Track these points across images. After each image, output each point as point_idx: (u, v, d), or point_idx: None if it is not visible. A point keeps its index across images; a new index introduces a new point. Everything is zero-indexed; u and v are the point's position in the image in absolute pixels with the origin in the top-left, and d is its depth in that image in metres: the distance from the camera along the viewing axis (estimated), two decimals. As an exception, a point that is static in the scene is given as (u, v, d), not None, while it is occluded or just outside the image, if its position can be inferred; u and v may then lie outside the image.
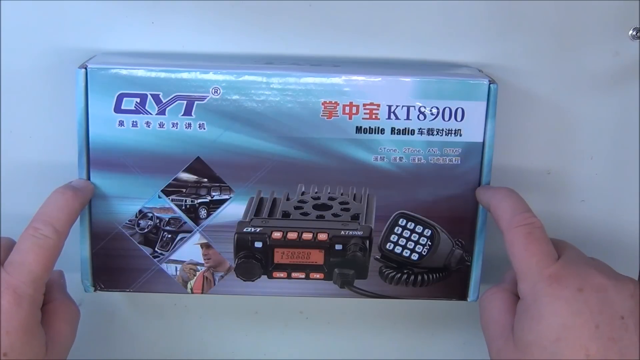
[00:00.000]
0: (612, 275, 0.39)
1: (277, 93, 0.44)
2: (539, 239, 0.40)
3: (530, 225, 0.41)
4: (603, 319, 0.37)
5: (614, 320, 0.37)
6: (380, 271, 0.46)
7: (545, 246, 0.40)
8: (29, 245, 0.40)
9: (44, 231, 0.40)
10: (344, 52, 0.47)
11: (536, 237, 0.40)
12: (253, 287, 0.46)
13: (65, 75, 0.46)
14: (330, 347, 0.55)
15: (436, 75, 0.44)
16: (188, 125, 0.44)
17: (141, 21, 0.46)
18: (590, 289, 0.38)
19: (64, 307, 0.43)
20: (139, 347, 0.54)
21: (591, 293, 0.38)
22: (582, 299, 0.38)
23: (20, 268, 0.39)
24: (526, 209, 0.42)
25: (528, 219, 0.41)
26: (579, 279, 0.38)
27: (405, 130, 0.44)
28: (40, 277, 0.39)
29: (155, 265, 0.46)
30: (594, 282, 0.38)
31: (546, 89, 0.48)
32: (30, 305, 0.39)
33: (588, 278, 0.38)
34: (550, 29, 0.47)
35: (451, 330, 0.54)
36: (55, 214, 0.41)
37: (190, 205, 0.45)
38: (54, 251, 0.40)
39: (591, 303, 0.37)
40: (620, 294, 0.38)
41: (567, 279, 0.38)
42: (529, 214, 0.41)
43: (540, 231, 0.41)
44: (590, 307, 0.37)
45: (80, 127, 0.43)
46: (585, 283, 0.38)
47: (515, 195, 0.43)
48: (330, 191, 0.45)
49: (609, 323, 0.37)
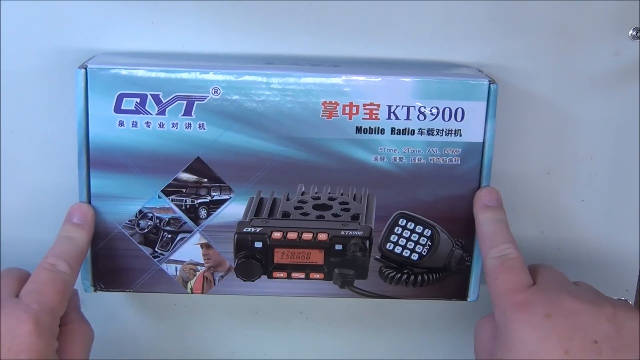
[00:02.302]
0: (589, 299, 0.39)
1: (277, 93, 0.44)
2: (512, 268, 0.41)
3: (504, 257, 0.41)
4: (573, 344, 0.37)
5: (585, 345, 0.37)
6: (380, 271, 0.46)
7: (518, 275, 0.41)
8: (46, 278, 0.40)
9: (59, 266, 0.41)
10: (344, 52, 0.47)
11: (508, 266, 0.41)
12: (253, 287, 0.46)
13: (65, 75, 0.45)
14: (330, 347, 0.55)
15: (436, 75, 0.44)
16: (188, 126, 0.44)
17: (141, 21, 0.46)
18: (558, 315, 0.38)
19: (79, 330, 0.43)
20: (139, 347, 0.54)
21: (559, 319, 0.38)
22: (549, 325, 0.37)
23: (39, 298, 0.39)
24: (504, 240, 0.42)
25: (503, 250, 0.42)
26: (548, 305, 0.38)
27: (405, 131, 0.44)
28: (57, 308, 0.40)
29: (155, 265, 0.46)
30: (564, 308, 0.38)
31: (546, 89, 0.48)
32: (50, 335, 0.39)
33: (558, 303, 0.38)
34: (550, 29, 0.47)
35: (451, 330, 0.54)
36: (67, 251, 0.42)
37: (190, 205, 0.45)
38: (69, 285, 0.41)
39: (559, 329, 0.37)
40: (594, 318, 0.38)
41: (535, 305, 0.38)
42: (506, 245, 0.42)
43: (515, 261, 0.41)
44: (558, 332, 0.37)
45: (80, 127, 0.43)
46: (554, 309, 0.38)
47: (495, 224, 0.43)
48: (330, 191, 0.45)
49: (580, 348, 0.36)
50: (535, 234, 0.51)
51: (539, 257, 0.50)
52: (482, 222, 0.44)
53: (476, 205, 0.45)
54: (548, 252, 0.51)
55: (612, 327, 0.37)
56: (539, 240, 0.51)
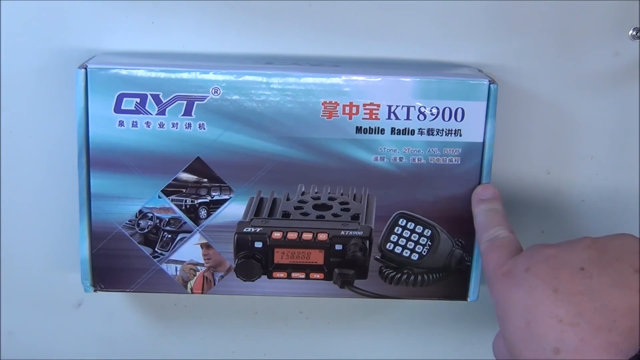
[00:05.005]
0: (565, 242, 0.38)
1: (277, 93, 0.44)
2: (499, 247, 0.41)
3: (494, 238, 0.41)
4: (560, 281, 0.36)
5: (573, 275, 0.36)
6: (380, 271, 0.46)
7: (503, 251, 0.40)
8: None
9: None
10: (344, 52, 0.47)
11: (497, 245, 0.41)
12: (253, 287, 0.46)
13: (65, 75, 0.46)
14: (330, 347, 0.55)
15: (436, 76, 0.44)
16: (188, 125, 0.44)
17: (141, 21, 0.46)
18: (537, 263, 0.37)
19: None
20: (139, 347, 0.54)
21: (539, 266, 0.37)
22: (531, 275, 0.37)
23: None
24: (495, 224, 0.42)
25: (494, 233, 0.42)
26: (526, 260, 0.38)
27: (405, 131, 0.44)
28: None
29: (155, 265, 0.46)
30: (541, 255, 0.37)
31: (546, 89, 0.48)
32: None
33: (534, 255, 0.38)
34: (550, 29, 0.47)
35: (451, 330, 0.55)
36: None
37: (190, 205, 0.45)
38: None
39: (542, 274, 0.36)
40: (572, 251, 0.37)
41: (515, 267, 0.38)
42: (497, 227, 0.42)
43: (504, 240, 0.41)
44: (542, 277, 0.36)
45: (80, 127, 0.43)
46: (532, 261, 0.37)
47: (487, 213, 0.43)
48: (330, 191, 0.45)
49: (568, 281, 0.35)
50: (535, 234, 0.51)
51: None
52: (476, 214, 0.44)
53: (473, 201, 0.45)
54: (548, 252, 0.51)
55: (594, 251, 0.36)
56: (539, 240, 0.51)
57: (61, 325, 0.53)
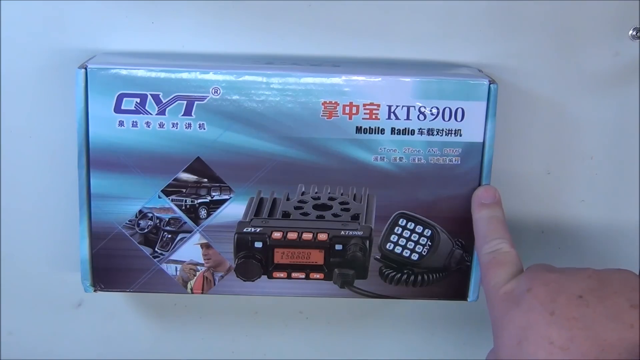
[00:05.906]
0: (568, 269, 0.39)
1: (277, 93, 0.44)
2: (501, 262, 0.41)
3: (496, 252, 0.41)
4: (557, 304, 0.36)
5: (570, 301, 0.36)
6: (380, 271, 0.46)
7: (506, 268, 0.40)
8: None
9: None
10: (344, 52, 0.47)
11: (498, 261, 0.41)
12: (253, 287, 0.46)
13: (65, 75, 0.46)
14: (330, 347, 0.55)
15: (436, 76, 0.44)
16: (188, 126, 0.44)
17: (141, 21, 0.46)
18: (539, 285, 0.37)
19: None
20: (139, 347, 0.54)
21: (540, 288, 0.37)
22: (531, 297, 0.37)
23: None
24: (496, 236, 0.42)
25: (495, 246, 0.42)
26: (528, 281, 0.38)
27: (405, 131, 0.44)
28: None
29: (155, 265, 0.46)
30: (543, 279, 0.38)
31: (546, 89, 0.48)
32: None
33: (537, 277, 0.38)
34: (550, 29, 0.47)
35: (451, 330, 0.54)
36: None
37: (190, 205, 0.45)
38: None
39: (541, 296, 0.37)
40: (573, 279, 0.37)
41: (517, 288, 0.38)
42: (498, 240, 0.42)
43: (506, 255, 0.41)
44: (540, 300, 0.37)
45: (80, 127, 0.43)
46: (533, 282, 0.38)
47: (489, 221, 0.43)
48: (330, 191, 0.45)
49: (565, 306, 0.36)
50: (535, 234, 0.51)
51: (539, 257, 0.50)
52: (476, 220, 0.44)
53: (473, 203, 0.45)
54: (548, 252, 0.51)
55: (594, 281, 0.37)
56: (539, 240, 0.51)
57: (61, 325, 0.53)
